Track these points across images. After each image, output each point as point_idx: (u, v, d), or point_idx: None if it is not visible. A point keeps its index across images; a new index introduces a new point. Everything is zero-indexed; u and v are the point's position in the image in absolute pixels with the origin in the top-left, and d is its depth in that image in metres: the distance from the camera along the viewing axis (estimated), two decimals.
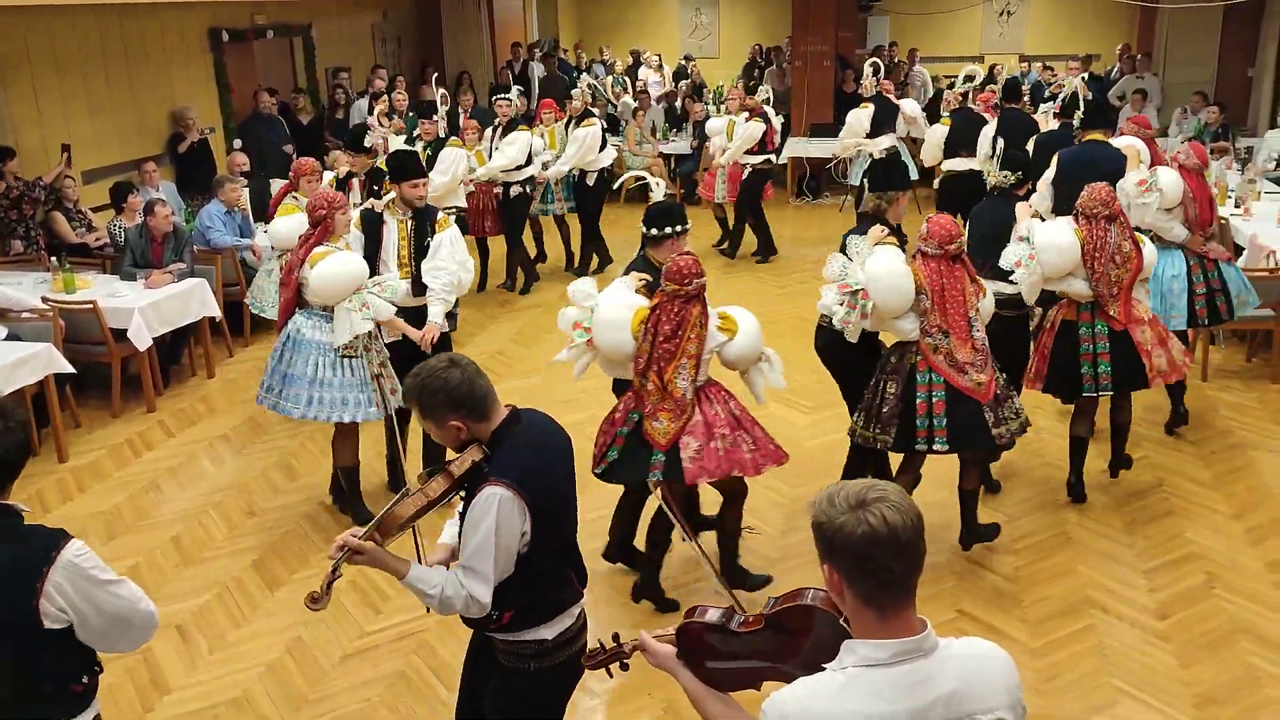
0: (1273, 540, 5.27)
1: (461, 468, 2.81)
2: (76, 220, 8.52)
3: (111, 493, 6.16)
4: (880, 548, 1.78)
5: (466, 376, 2.77)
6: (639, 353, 4.44)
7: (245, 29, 11.28)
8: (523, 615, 2.88)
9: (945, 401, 4.74)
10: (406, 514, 2.81)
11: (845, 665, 1.85)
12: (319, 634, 4.76)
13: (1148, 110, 12.61)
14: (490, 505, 2.71)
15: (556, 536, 2.88)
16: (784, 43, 15.67)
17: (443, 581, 2.77)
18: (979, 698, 1.85)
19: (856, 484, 1.86)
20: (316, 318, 5.38)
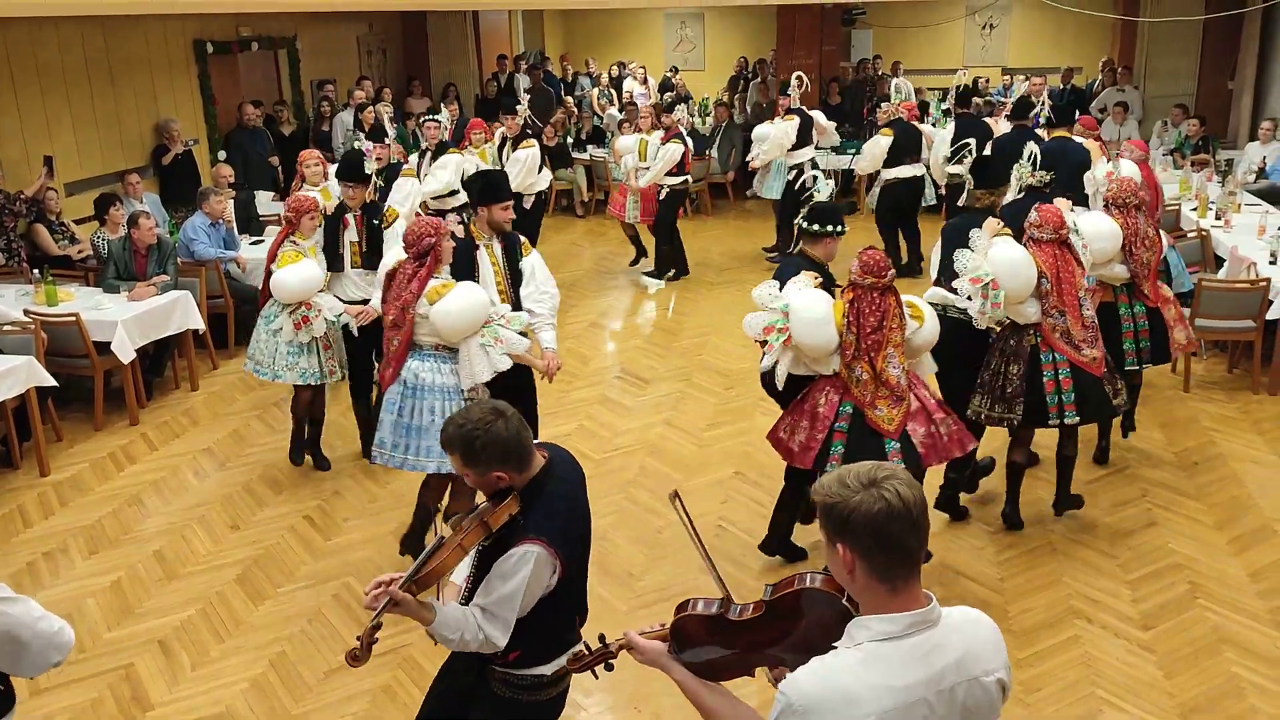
0: (1255, 550, 5.30)
1: (498, 521, 2.77)
2: (59, 232, 8.48)
3: (94, 507, 6.12)
4: (897, 523, 1.85)
5: (513, 429, 2.73)
6: (845, 345, 4.61)
7: (230, 41, 11.27)
8: (529, 654, 2.94)
9: (1070, 377, 5.11)
10: (450, 567, 2.77)
11: (859, 641, 1.90)
12: (303, 649, 4.73)
13: (1129, 122, 12.74)
14: (526, 562, 2.73)
15: (576, 583, 2.95)
16: (769, 56, 15.74)
17: (463, 627, 2.78)
18: (981, 661, 1.95)
19: (862, 465, 1.93)
20: (434, 359, 4.98)
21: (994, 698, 1.97)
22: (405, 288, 4.90)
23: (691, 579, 5.11)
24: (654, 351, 8.50)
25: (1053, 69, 15.55)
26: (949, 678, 1.90)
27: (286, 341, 6.03)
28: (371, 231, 6.32)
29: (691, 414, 7.21)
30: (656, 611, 4.91)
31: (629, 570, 5.26)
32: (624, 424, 7.05)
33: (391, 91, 13.41)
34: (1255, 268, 7.47)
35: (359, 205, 6.33)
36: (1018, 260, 5.03)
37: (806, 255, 5.07)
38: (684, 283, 10.43)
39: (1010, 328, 5.22)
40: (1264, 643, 4.56)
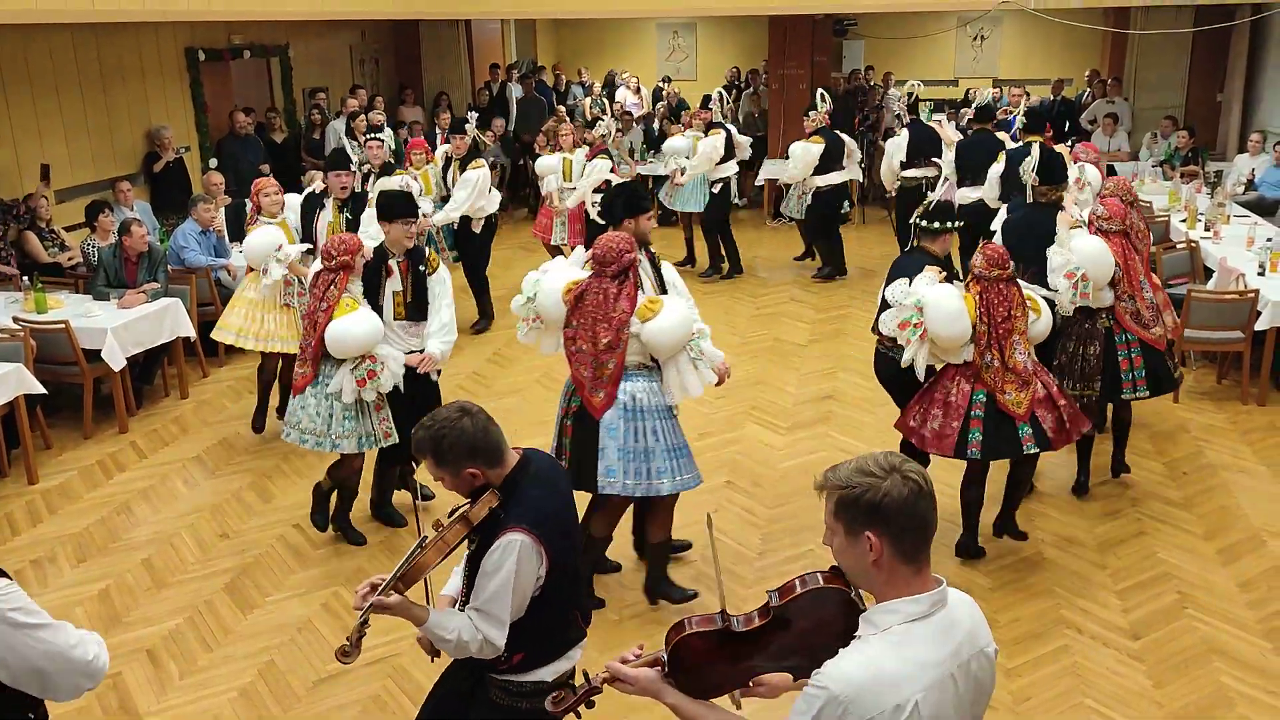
0: (1244, 560, 5.32)
1: (479, 515, 2.81)
2: (49, 240, 8.46)
3: (82, 515, 6.09)
4: (924, 501, 1.96)
5: (479, 425, 2.80)
6: (979, 335, 4.91)
7: (222, 49, 11.26)
8: (533, 656, 2.93)
9: (1141, 355, 5.67)
10: (431, 563, 2.82)
11: (889, 626, 1.96)
12: (292, 658, 4.71)
13: (1118, 134, 12.81)
14: (510, 551, 2.74)
15: (568, 575, 2.92)
16: (760, 66, 15.80)
17: (459, 627, 2.80)
18: (981, 634, 2.08)
19: (871, 455, 2.00)
20: (646, 379, 4.76)
21: (994, 667, 2.10)
22: (612, 307, 4.61)
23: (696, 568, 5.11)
24: None
25: (1043, 80, 15.63)
26: (965, 650, 2.01)
27: (344, 405, 5.24)
28: (417, 280, 5.47)
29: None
30: (648, 620, 4.91)
31: (619, 579, 5.26)
32: None
33: (384, 100, 13.42)
34: (1244, 279, 7.50)
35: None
36: (1099, 251, 5.49)
37: (926, 251, 5.40)
38: None
39: (1082, 313, 5.60)
40: (1253, 653, 4.58)
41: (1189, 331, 7.18)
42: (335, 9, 10.93)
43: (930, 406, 5.07)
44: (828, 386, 7.79)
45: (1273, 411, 7.14)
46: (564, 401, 4.83)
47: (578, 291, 4.67)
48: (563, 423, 4.82)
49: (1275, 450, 6.56)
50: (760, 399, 7.53)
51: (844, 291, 10.25)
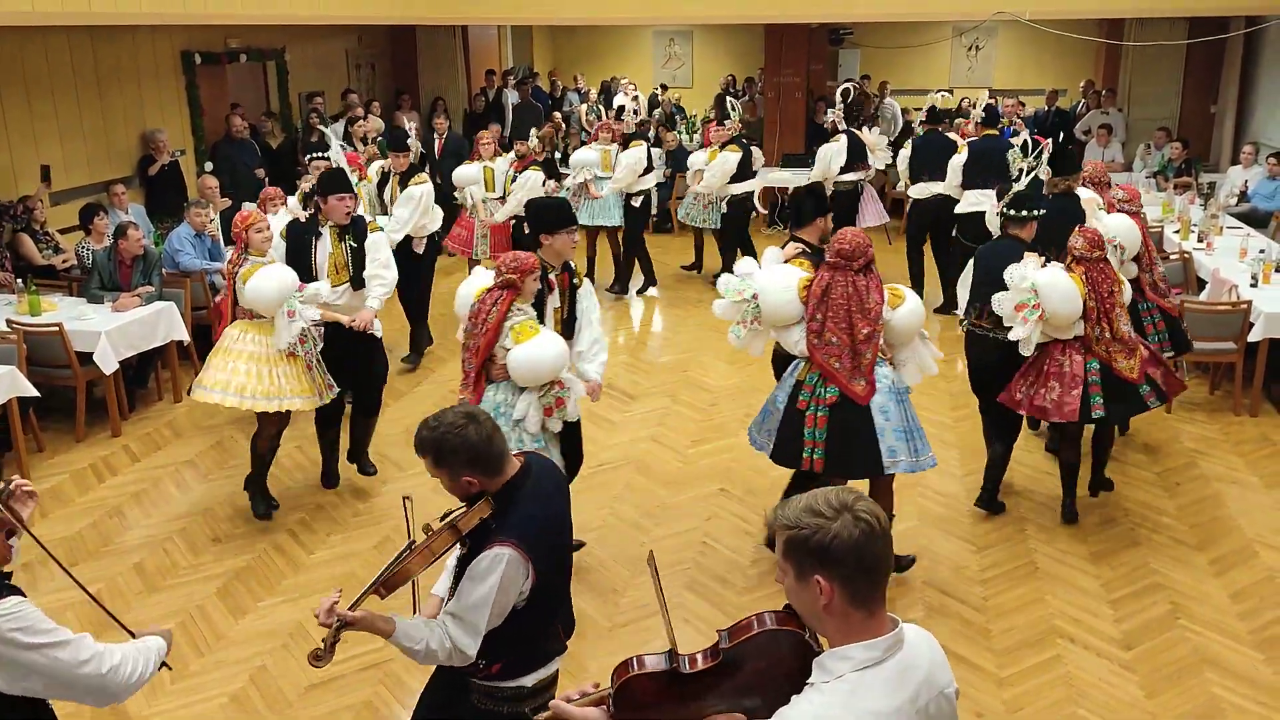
0: (1236, 571, 5.33)
1: (468, 525, 2.79)
2: (43, 242, 8.44)
3: (74, 518, 6.07)
4: (876, 543, 1.86)
5: (484, 434, 2.76)
6: (1089, 310, 5.32)
7: (218, 52, 11.25)
8: (511, 665, 2.92)
9: (1163, 320, 6.25)
10: (416, 570, 2.81)
11: (842, 673, 1.88)
12: (284, 663, 4.70)
13: (1112, 145, 12.85)
14: (497, 565, 2.72)
15: (553, 591, 2.91)
16: (756, 74, 15.83)
17: (427, 636, 2.78)
18: (941, 674, 1.98)
19: (820, 493, 1.90)
20: (883, 364, 4.89)
21: (954, 710, 2.01)
22: (865, 299, 4.75)
23: (675, 597, 5.11)
24: (639, 367, 8.51)
25: (1038, 91, 15.68)
26: (923, 695, 1.92)
27: (532, 434, 4.84)
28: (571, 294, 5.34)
29: (676, 430, 7.21)
30: (640, 629, 4.90)
31: (613, 586, 5.25)
32: (610, 439, 7.04)
33: (380, 105, 13.43)
34: (1237, 290, 7.53)
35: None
36: (1129, 225, 6.00)
37: (1016, 238, 5.76)
38: (668, 299, 10.46)
39: None
40: (1244, 664, 4.58)
41: None
42: (332, 13, 10.93)
43: (1043, 380, 5.47)
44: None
45: (1265, 423, 7.16)
46: (805, 396, 4.84)
47: (820, 287, 4.79)
48: (807, 415, 4.81)
49: (1267, 461, 6.58)
50: (754, 406, 7.51)
51: None
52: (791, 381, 4.97)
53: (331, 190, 6.02)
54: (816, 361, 4.81)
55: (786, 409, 4.94)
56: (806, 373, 4.89)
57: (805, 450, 4.83)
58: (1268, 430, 7.03)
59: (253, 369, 5.64)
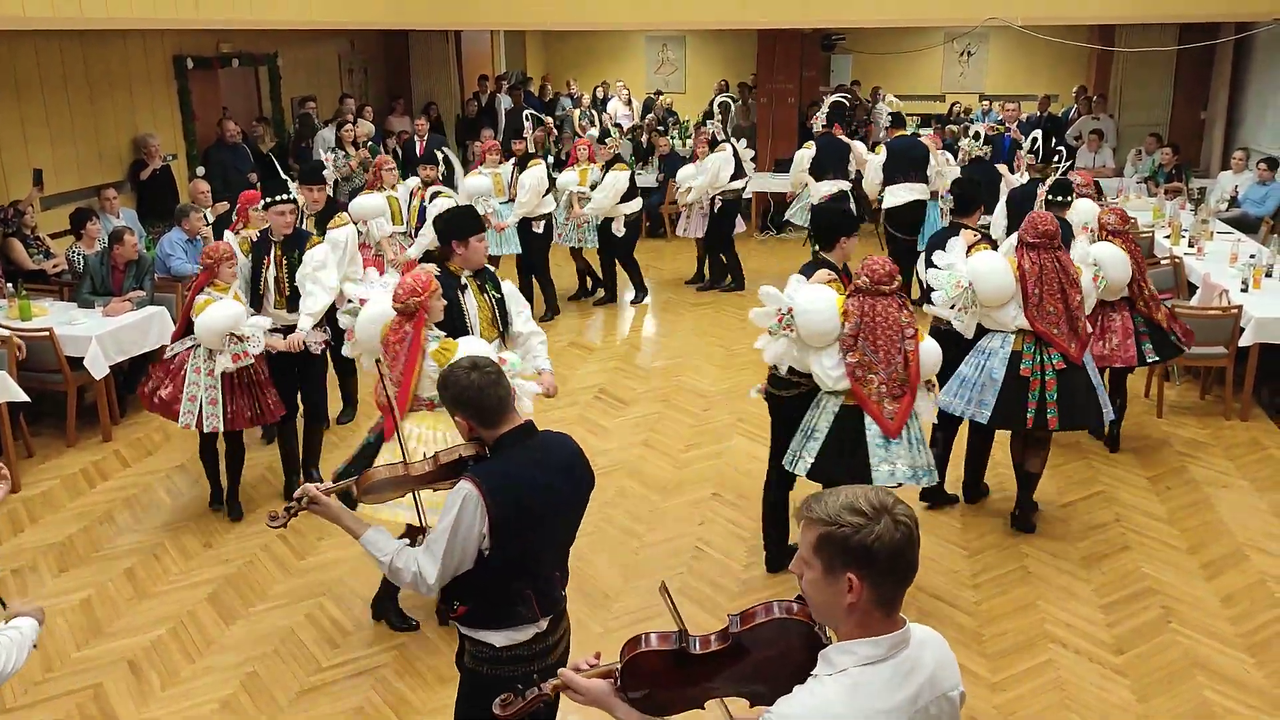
0: (1227, 575, 5.34)
1: (449, 458, 2.99)
2: (34, 247, 8.42)
3: (64, 524, 6.05)
4: (912, 548, 1.88)
5: (480, 383, 2.90)
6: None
7: (210, 57, 11.24)
8: (476, 613, 2.99)
9: (1147, 330, 6.44)
10: (378, 478, 3.00)
11: (845, 667, 1.89)
12: (275, 669, 4.68)
13: (1103, 150, 12.90)
14: (457, 498, 2.83)
15: (517, 550, 2.91)
16: (749, 80, 15.85)
17: (394, 551, 2.91)
18: (947, 676, 1.98)
19: (859, 490, 1.91)
20: None
21: (957, 712, 2.01)
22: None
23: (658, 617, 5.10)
24: (633, 372, 8.50)
25: (1029, 96, 15.74)
26: (925, 696, 1.92)
27: None
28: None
29: (669, 435, 7.21)
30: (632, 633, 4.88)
31: (605, 591, 5.24)
32: (602, 444, 7.04)
33: (373, 110, 13.42)
34: (1227, 295, 7.55)
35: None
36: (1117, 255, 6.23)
37: (1063, 220, 6.56)
38: (660, 305, 10.46)
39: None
40: (1236, 667, 4.59)
41: None
42: (324, 18, 10.93)
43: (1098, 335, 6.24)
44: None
45: (1255, 427, 7.18)
46: (1028, 364, 5.39)
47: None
48: (1040, 378, 5.37)
49: (1258, 465, 6.60)
50: (747, 411, 7.53)
51: None
52: (1006, 352, 5.44)
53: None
54: (1042, 332, 5.38)
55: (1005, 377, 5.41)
56: (1022, 343, 5.42)
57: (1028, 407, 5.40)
58: (1258, 434, 7.06)
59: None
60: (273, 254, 6.10)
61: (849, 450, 4.76)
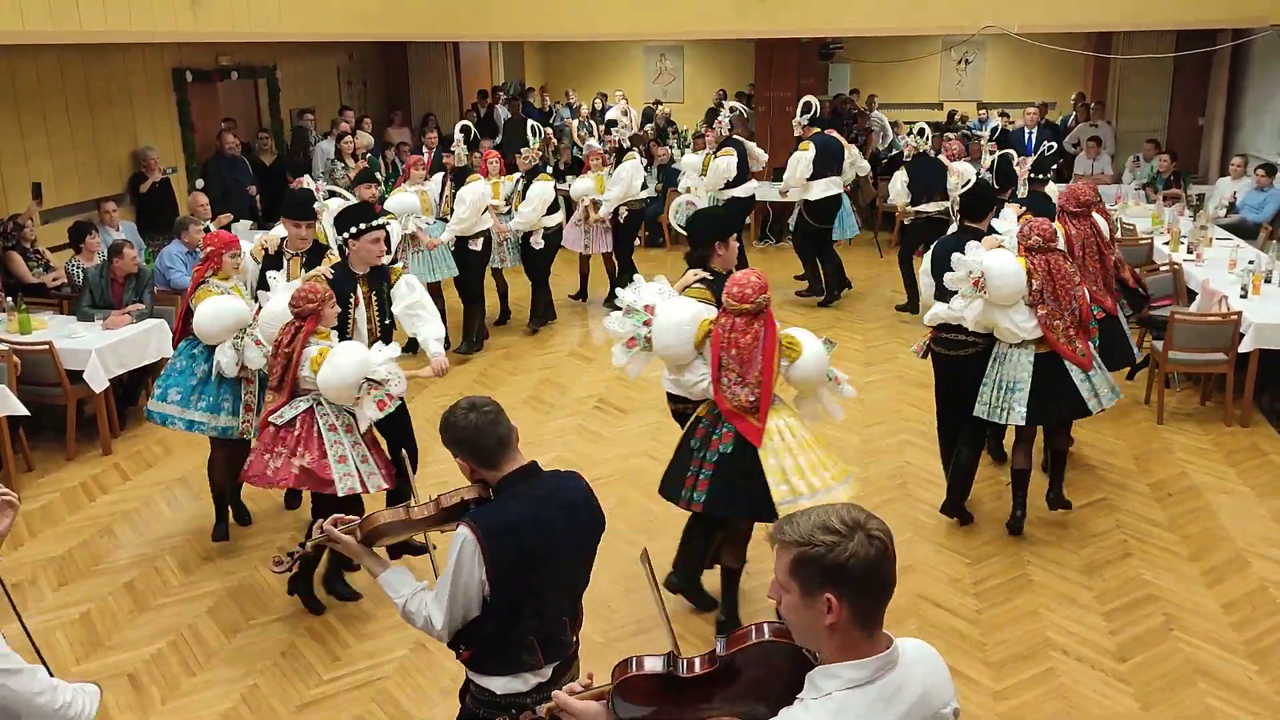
0: (1229, 582, 5.33)
1: (450, 501, 2.94)
2: (33, 260, 8.43)
3: (64, 537, 6.04)
4: (888, 563, 1.87)
5: (478, 423, 2.85)
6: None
7: (210, 70, 11.27)
8: (478, 658, 2.92)
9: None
10: (382, 521, 2.95)
11: (829, 691, 1.88)
12: (276, 682, 4.67)
13: (1101, 157, 12.91)
14: (456, 544, 2.79)
15: (519, 594, 2.83)
16: (748, 89, 15.89)
17: (410, 595, 2.90)
18: (939, 694, 1.96)
19: (832, 509, 1.90)
20: None
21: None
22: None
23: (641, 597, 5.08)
24: (631, 382, 8.48)
25: (1027, 104, 15.76)
26: (915, 715, 1.91)
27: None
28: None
29: (669, 444, 7.15)
30: (633, 645, 4.88)
31: (605, 602, 5.23)
32: (602, 454, 7.03)
33: (372, 121, 13.45)
34: (1226, 301, 7.55)
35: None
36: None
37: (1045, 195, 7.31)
38: None
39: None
40: (1238, 674, 4.58)
41: (1172, 353, 7.23)
42: (323, 30, 10.96)
43: None
44: (814, 407, 7.77)
45: (1256, 433, 7.18)
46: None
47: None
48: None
49: (1259, 471, 6.59)
50: None
51: (829, 313, 10.27)
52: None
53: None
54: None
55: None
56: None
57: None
58: (1259, 440, 7.05)
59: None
60: (359, 290, 5.29)
61: (1060, 391, 5.39)
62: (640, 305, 4.84)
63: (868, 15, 12.12)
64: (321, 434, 4.80)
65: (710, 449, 4.58)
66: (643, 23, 12.80)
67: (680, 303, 4.76)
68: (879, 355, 8.93)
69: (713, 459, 4.56)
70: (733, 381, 4.50)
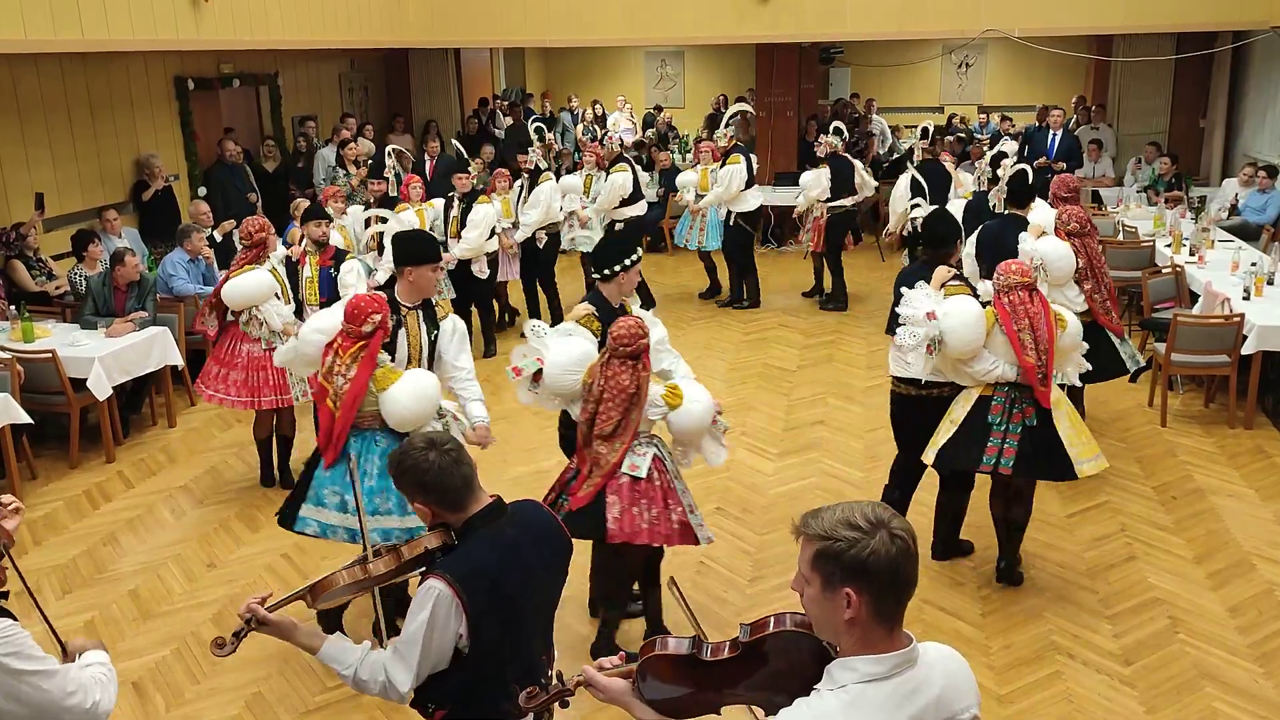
0: (1234, 584, 5.32)
1: (413, 552, 2.72)
2: (37, 268, 8.44)
3: (68, 546, 6.04)
4: (910, 562, 1.89)
5: (439, 464, 2.63)
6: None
7: (211, 78, 11.29)
8: (456, 715, 2.73)
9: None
10: (340, 584, 2.73)
11: (845, 683, 1.90)
12: (280, 690, 4.67)
13: (1102, 160, 12.91)
14: (428, 599, 2.59)
15: (498, 644, 2.68)
16: (747, 93, 15.90)
17: (357, 663, 2.67)
18: (958, 698, 1.96)
19: (857, 506, 1.92)
20: None
21: None
22: None
23: (669, 616, 5.08)
24: None
25: (1028, 107, 15.78)
26: (929, 716, 1.91)
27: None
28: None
29: None
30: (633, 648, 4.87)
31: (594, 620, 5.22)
32: None
33: (374, 128, 13.46)
34: (1229, 303, 7.55)
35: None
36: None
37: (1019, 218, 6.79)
38: (665, 319, 10.40)
39: None
40: (1244, 677, 4.57)
41: (1175, 356, 7.23)
42: (325, 38, 10.97)
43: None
44: (817, 412, 7.80)
45: (1259, 435, 7.17)
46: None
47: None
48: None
49: (1263, 473, 6.58)
50: (750, 425, 7.54)
51: (833, 318, 10.27)
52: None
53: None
54: None
55: None
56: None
57: None
58: (1263, 442, 7.04)
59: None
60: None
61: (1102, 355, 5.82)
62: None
63: (868, 19, 12.13)
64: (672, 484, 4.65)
65: (1013, 421, 4.97)
66: (643, 29, 12.82)
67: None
68: (881, 359, 8.92)
69: (1016, 429, 4.96)
70: (1028, 346, 4.88)
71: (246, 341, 6.43)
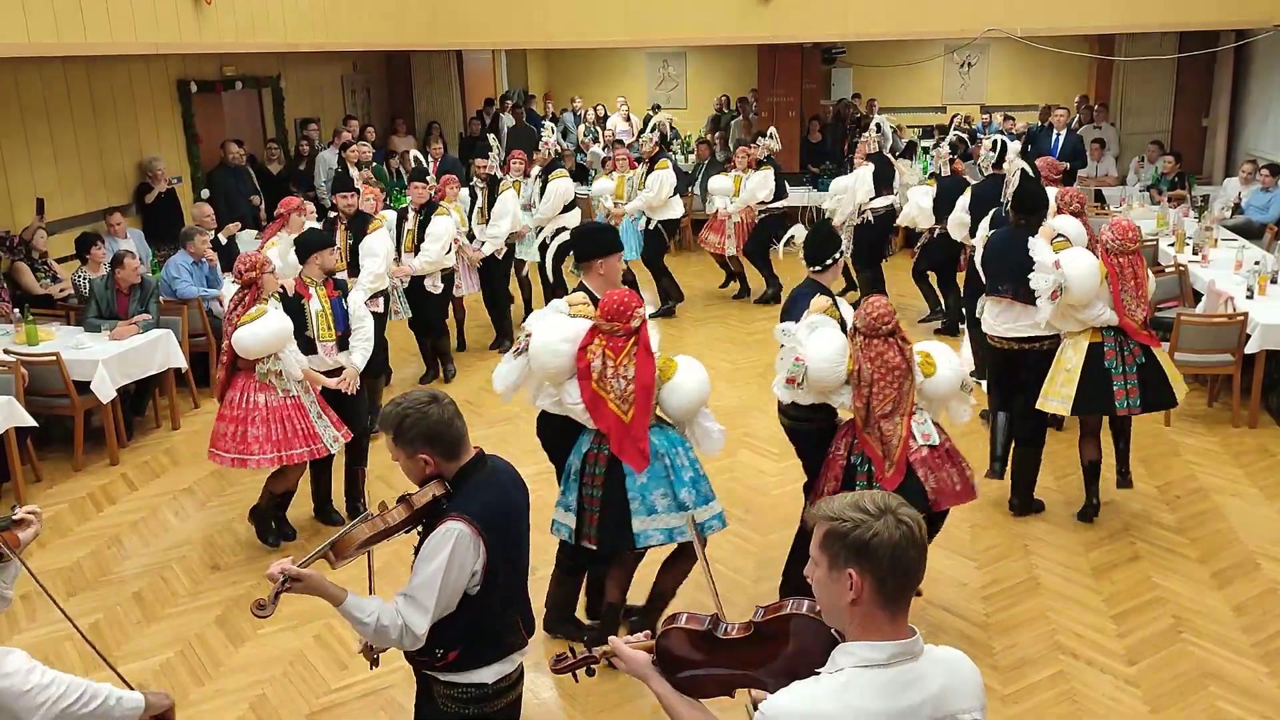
0: (1239, 584, 5.31)
1: (423, 500, 2.86)
2: (42, 271, 8.45)
3: (72, 548, 6.05)
4: (914, 549, 1.91)
5: (445, 415, 2.82)
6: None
7: (214, 80, 11.31)
8: (468, 655, 2.90)
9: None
10: (362, 537, 2.86)
11: (842, 667, 1.93)
12: (284, 691, 4.68)
13: (1105, 159, 12.90)
14: (448, 539, 2.74)
15: (508, 579, 2.89)
16: (749, 94, 15.90)
17: (378, 610, 2.79)
18: (961, 699, 1.98)
19: (867, 494, 1.97)
20: None
21: None
22: None
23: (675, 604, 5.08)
24: None
25: (1031, 106, 15.76)
26: (925, 711, 1.93)
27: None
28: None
29: None
30: None
31: None
32: None
33: (376, 130, 13.47)
34: (1232, 302, 7.54)
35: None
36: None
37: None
38: (667, 319, 10.46)
39: None
40: (1248, 677, 4.57)
41: (1179, 355, 7.22)
42: (327, 40, 10.98)
43: None
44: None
45: (1264, 434, 7.16)
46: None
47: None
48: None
49: (1267, 473, 6.57)
50: (753, 425, 7.53)
51: None
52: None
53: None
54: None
55: None
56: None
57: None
58: (1266, 441, 7.03)
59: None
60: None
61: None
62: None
63: (870, 19, 12.13)
64: None
65: (1127, 363, 5.60)
66: (645, 30, 12.82)
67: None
68: None
69: (1132, 370, 5.60)
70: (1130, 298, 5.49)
71: (262, 390, 5.71)
